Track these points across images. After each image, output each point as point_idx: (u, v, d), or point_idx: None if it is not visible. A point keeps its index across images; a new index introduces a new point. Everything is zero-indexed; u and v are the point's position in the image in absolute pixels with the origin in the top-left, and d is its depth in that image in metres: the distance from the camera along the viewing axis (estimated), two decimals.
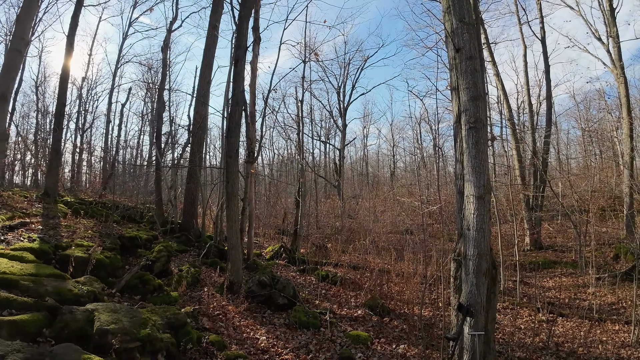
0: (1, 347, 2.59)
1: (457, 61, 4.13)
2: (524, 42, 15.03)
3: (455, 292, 4.16)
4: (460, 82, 4.01)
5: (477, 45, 4.17)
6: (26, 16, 4.32)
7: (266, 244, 12.49)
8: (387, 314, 6.80)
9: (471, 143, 3.73)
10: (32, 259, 4.76)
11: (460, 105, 4.02)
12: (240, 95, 7.49)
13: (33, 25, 16.10)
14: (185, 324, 4.15)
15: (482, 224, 3.65)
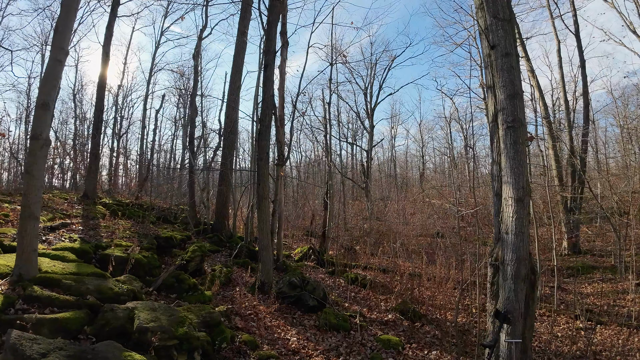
0: (43, 344, 2.68)
1: (492, 58, 4.01)
2: (557, 37, 14.35)
3: (491, 298, 4.02)
4: (496, 80, 3.89)
5: (512, 41, 4.03)
6: (65, 27, 4.47)
7: (294, 245, 12.58)
8: (418, 318, 6.66)
9: (509, 143, 3.60)
10: (73, 258, 5.01)
11: (497, 104, 3.89)
12: (270, 100, 7.60)
13: None
14: (219, 323, 4.23)
15: (521, 227, 3.50)
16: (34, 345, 2.61)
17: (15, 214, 6.69)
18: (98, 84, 10.88)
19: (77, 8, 4.84)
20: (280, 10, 8.93)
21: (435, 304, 7.37)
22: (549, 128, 13.18)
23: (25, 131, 19.62)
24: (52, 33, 17.37)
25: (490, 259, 4.08)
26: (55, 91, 4.45)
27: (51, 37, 16.40)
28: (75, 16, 4.92)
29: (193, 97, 13.39)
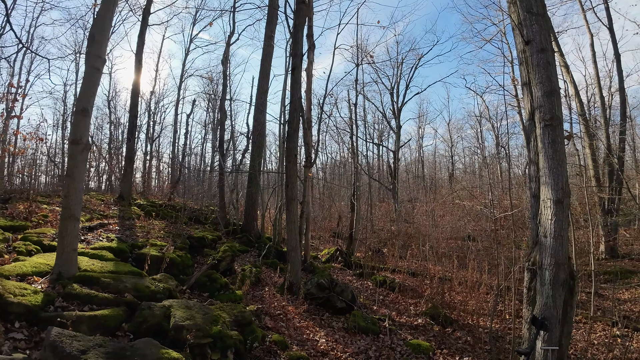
0: (83, 341, 2.73)
1: (527, 54, 3.88)
2: (589, 30, 13.66)
3: (528, 303, 3.88)
4: (531, 76, 3.76)
5: (547, 36, 3.88)
6: (101, 36, 4.65)
7: (321, 246, 12.61)
8: (449, 324, 6.51)
9: (547, 142, 3.46)
10: (111, 257, 5.19)
11: (533, 101, 3.75)
12: (298, 102, 7.67)
13: None
14: (251, 322, 4.30)
15: (561, 230, 3.36)
16: (74, 342, 2.68)
17: (54, 214, 7.05)
18: (132, 90, 11.36)
19: (112, 18, 5.06)
20: (307, 13, 9.00)
21: (467, 309, 7.17)
22: (585, 126, 12.53)
23: (62, 136, 20.81)
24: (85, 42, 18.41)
25: (528, 263, 3.93)
26: (94, 98, 4.66)
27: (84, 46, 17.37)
28: (111, 25, 5.14)
29: (222, 101, 13.73)
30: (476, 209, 13.87)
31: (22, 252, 4.69)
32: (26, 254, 4.71)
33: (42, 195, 9.06)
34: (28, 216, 6.51)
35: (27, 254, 4.70)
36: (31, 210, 6.79)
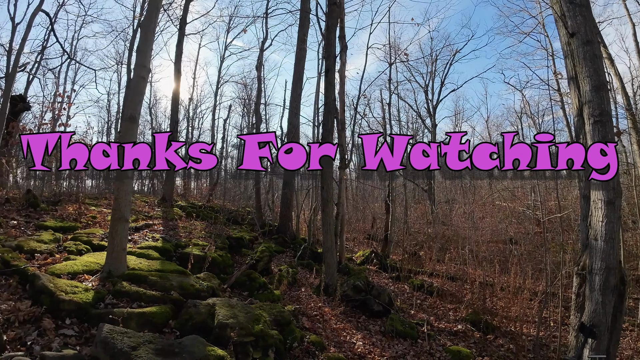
0: (133, 338, 2.81)
1: (572, 47, 3.70)
2: (630, 19, 12.62)
3: (576, 310, 3.69)
4: (578, 70, 3.58)
5: (592, 27, 3.69)
6: (145, 47, 4.91)
7: (355, 248, 12.55)
8: (491, 330, 6.29)
9: (597, 139, 3.30)
10: (156, 256, 5.42)
11: (581, 96, 3.57)
12: (332, 104, 7.71)
13: None
14: (290, 322, 4.37)
15: (612, 232, 3.19)
16: (124, 338, 2.77)
17: (102, 215, 7.48)
18: (172, 97, 11.91)
19: (154, 29, 5.33)
20: (338, 14, 9.03)
21: (510, 315, 6.89)
22: (633, 121, 11.60)
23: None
24: (126, 53, 19.53)
25: (577, 267, 3.75)
26: (141, 105, 4.93)
27: (126, 56, 18.44)
28: (154, 36, 5.41)
29: (257, 105, 14.06)
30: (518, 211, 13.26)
31: (72, 252, 4.95)
32: (76, 253, 4.96)
33: (89, 197, 9.65)
34: (77, 217, 6.93)
35: (78, 253, 4.95)
36: (80, 212, 7.24)
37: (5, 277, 3.91)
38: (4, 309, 3.31)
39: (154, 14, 5.22)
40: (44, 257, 4.63)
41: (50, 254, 4.74)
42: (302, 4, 12.20)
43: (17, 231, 5.52)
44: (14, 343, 2.99)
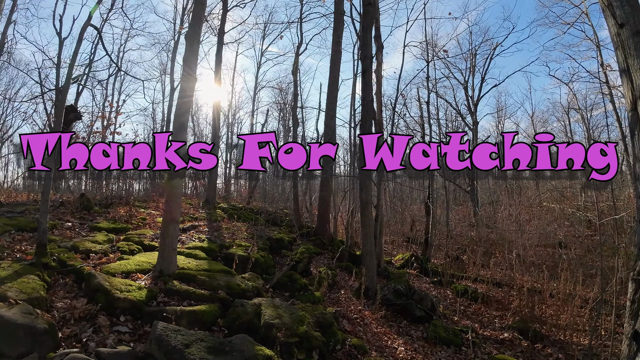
0: (186, 336, 2.89)
1: (622, 38, 3.42)
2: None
3: (630, 317, 3.39)
4: (630, 62, 3.31)
5: None
6: (191, 56, 5.10)
7: (394, 251, 12.33)
8: (539, 339, 5.95)
9: None
10: (203, 256, 5.60)
11: (635, 89, 3.29)
12: (369, 105, 7.63)
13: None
14: (332, 324, 4.35)
15: None
16: (177, 336, 2.86)
17: (151, 217, 7.86)
18: (213, 104, 12.36)
19: (199, 39, 5.55)
20: (373, 14, 8.94)
21: (559, 323, 6.50)
22: None
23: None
24: (169, 63, 20.59)
25: (632, 272, 3.46)
26: (189, 113, 5.15)
27: (169, 67, 19.37)
28: (198, 46, 5.62)
29: (294, 109, 14.21)
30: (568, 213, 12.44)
31: (125, 252, 5.23)
32: (129, 253, 5.24)
33: (138, 200, 10.19)
34: (128, 219, 7.33)
35: (130, 253, 5.23)
36: (131, 214, 7.66)
37: (62, 276, 4.14)
38: (59, 307, 3.51)
39: (198, 25, 5.42)
40: (98, 257, 4.91)
41: (105, 254, 5.03)
42: (336, 7, 12.21)
43: (72, 232, 5.90)
44: (69, 340, 3.11)
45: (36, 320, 2.92)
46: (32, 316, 2.94)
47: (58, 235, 5.58)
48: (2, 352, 2.71)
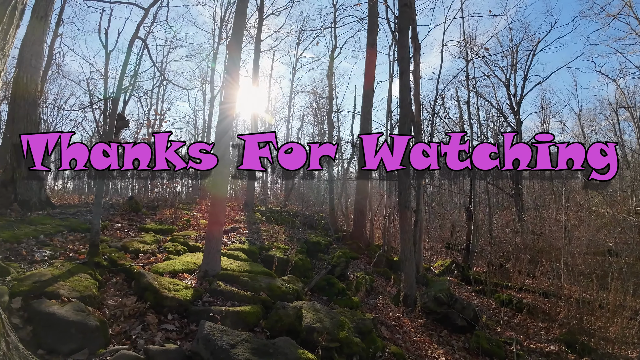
0: (232, 336, 2.95)
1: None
2: None
3: None
4: None
5: None
6: (233, 65, 5.34)
7: (433, 257, 12.01)
8: (587, 352, 5.66)
9: None
10: (244, 258, 5.70)
11: None
12: (407, 107, 7.50)
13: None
14: (371, 331, 4.29)
15: None
16: (224, 336, 2.91)
17: (194, 219, 8.14)
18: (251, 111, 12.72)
19: (240, 49, 5.72)
20: (410, 15, 8.79)
21: (608, 336, 6.10)
22: None
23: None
24: (209, 72, 21.51)
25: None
26: (232, 119, 5.32)
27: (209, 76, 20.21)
28: (240, 55, 5.79)
29: (329, 113, 14.27)
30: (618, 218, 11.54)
31: (171, 252, 5.41)
32: (175, 253, 5.41)
33: (182, 203, 10.62)
34: (174, 221, 7.64)
35: (176, 254, 5.40)
36: (176, 216, 7.99)
37: (113, 275, 4.32)
38: (110, 305, 3.65)
39: (239, 34, 5.59)
40: (147, 256, 5.13)
41: (153, 254, 5.26)
42: (370, 9, 12.15)
43: (121, 233, 6.21)
44: (118, 337, 3.22)
45: (88, 317, 3.04)
46: (84, 313, 3.07)
47: (109, 235, 5.89)
48: (54, 348, 2.82)
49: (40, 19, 7.08)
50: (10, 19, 2.02)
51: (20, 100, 6.85)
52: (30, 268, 3.96)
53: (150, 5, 5.74)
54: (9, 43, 2.08)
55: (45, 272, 3.64)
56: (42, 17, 7.10)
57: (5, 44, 2.04)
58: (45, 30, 7.52)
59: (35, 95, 7.17)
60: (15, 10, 2.05)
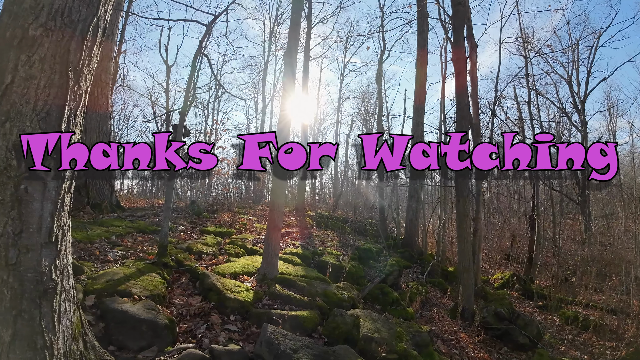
0: (294, 341, 2.99)
1: None
2: None
3: None
4: None
5: None
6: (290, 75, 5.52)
7: (492, 269, 11.37)
8: None
9: None
10: (299, 262, 5.77)
11: None
12: (465, 109, 7.22)
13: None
14: (428, 344, 4.16)
15: None
16: (286, 340, 2.95)
17: (250, 223, 8.41)
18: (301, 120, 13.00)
19: (296, 57, 5.89)
20: (464, 13, 8.46)
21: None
22: None
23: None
24: (260, 83, 22.41)
25: None
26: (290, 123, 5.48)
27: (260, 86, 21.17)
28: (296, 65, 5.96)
29: (379, 118, 14.13)
30: None
31: (231, 254, 5.61)
32: (234, 255, 5.60)
33: (238, 206, 11.05)
34: (232, 224, 7.96)
35: (235, 256, 5.59)
36: (234, 220, 8.32)
37: (179, 275, 4.53)
38: (177, 303, 3.82)
39: (294, 44, 5.74)
40: (209, 258, 5.38)
41: (214, 256, 5.50)
42: (419, 9, 11.85)
43: (185, 235, 6.56)
44: (185, 335, 3.34)
45: (158, 315, 3.17)
46: (154, 312, 3.20)
47: (173, 237, 6.24)
48: (124, 344, 2.95)
49: (107, 37, 7.83)
50: (94, 36, 2.21)
51: (92, 113, 7.54)
52: (103, 267, 4.20)
53: (211, 22, 6.05)
54: (94, 59, 2.28)
55: (118, 271, 3.85)
56: (108, 35, 7.84)
57: (90, 60, 2.23)
58: (112, 47, 8.29)
59: (106, 108, 7.89)
60: (98, 27, 2.24)
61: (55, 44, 2.03)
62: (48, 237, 2.03)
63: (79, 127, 2.27)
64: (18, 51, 1.97)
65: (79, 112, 2.23)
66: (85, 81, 2.23)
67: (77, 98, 2.18)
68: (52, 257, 2.06)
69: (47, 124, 2.05)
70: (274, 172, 4.97)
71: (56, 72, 2.04)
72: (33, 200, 1.99)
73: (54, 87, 2.04)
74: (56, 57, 2.04)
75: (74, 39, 2.09)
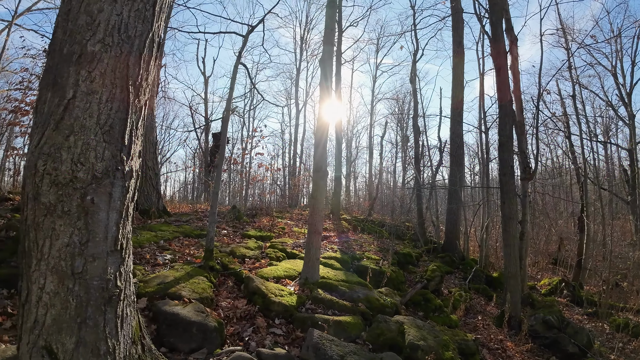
0: (340, 347, 2.98)
1: None
2: None
3: None
4: None
5: None
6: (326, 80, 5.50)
7: (538, 275, 10.80)
8: None
9: None
10: (338, 266, 5.74)
11: None
12: (508, 106, 6.94)
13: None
14: (475, 353, 4.03)
15: None
16: (332, 346, 2.94)
17: (288, 227, 8.49)
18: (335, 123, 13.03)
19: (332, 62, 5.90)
20: (502, 6, 8.14)
21: None
22: None
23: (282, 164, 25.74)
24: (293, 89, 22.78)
25: None
26: (327, 134, 5.52)
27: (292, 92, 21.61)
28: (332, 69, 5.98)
29: (415, 118, 13.85)
30: None
31: (272, 258, 5.67)
32: (275, 259, 5.67)
33: (275, 211, 11.20)
34: (271, 228, 8.06)
35: (277, 260, 5.66)
36: (273, 224, 8.45)
37: (224, 278, 4.62)
38: (224, 306, 3.88)
39: (329, 49, 5.78)
40: (252, 261, 5.47)
41: (257, 259, 5.60)
42: (453, 4, 11.51)
43: (228, 239, 6.72)
44: (232, 338, 3.38)
45: (207, 318, 3.22)
46: (203, 314, 3.26)
47: (217, 241, 6.38)
48: (175, 346, 3.00)
49: (163, 52, 8.26)
50: (150, 51, 2.28)
51: None
52: (153, 270, 4.33)
53: (248, 32, 6.23)
54: (151, 73, 2.37)
55: (167, 275, 3.96)
56: (163, 50, 8.27)
57: (148, 74, 2.32)
58: None
59: (151, 119, 8.29)
60: (153, 43, 2.32)
61: (115, 60, 2.10)
62: (114, 246, 2.09)
63: (140, 139, 2.36)
64: (78, 67, 2.02)
65: (140, 124, 2.32)
66: (144, 95, 2.32)
67: (138, 111, 2.27)
68: (117, 264, 2.12)
69: (111, 137, 2.11)
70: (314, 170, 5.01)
71: (117, 86, 2.11)
72: (99, 211, 2.04)
73: (116, 101, 2.11)
74: (116, 72, 2.10)
75: (132, 54, 2.17)
